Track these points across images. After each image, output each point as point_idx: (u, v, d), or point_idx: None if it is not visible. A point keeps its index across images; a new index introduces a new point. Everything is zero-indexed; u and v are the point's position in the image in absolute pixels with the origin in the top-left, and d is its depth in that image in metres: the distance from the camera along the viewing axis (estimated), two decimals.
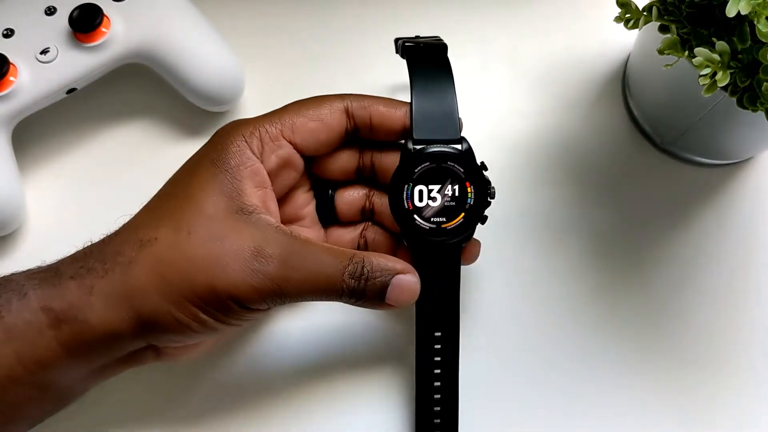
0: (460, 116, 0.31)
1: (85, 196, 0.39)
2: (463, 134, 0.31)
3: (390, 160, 0.33)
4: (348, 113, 0.31)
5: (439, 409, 0.33)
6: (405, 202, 0.30)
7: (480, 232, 0.31)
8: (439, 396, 0.33)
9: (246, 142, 0.30)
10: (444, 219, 0.30)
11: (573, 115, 0.41)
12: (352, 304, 0.30)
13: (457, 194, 0.30)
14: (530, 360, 0.36)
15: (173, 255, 0.28)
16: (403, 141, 0.31)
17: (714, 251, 0.38)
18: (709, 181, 0.40)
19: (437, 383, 0.33)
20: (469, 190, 0.30)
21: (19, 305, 0.28)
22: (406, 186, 0.30)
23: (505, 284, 0.38)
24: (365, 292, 0.29)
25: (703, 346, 0.37)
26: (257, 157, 0.30)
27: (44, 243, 0.38)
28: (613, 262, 0.38)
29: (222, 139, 0.30)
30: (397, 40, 0.36)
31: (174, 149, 0.40)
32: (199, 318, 0.28)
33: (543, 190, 0.40)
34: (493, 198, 0.31)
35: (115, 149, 0.40)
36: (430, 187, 0.30)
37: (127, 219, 0.31)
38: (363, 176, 0.34)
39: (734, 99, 0.29)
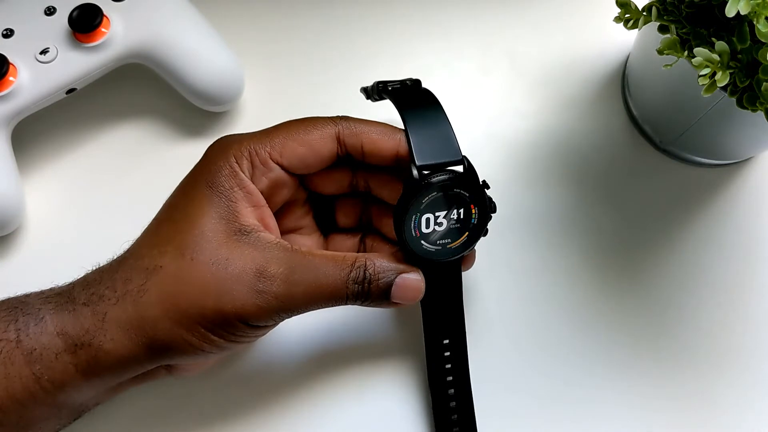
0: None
1: (85, 196, 0.39)
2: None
3: (383, 180, 0.33)
4: (339, 140, 0.31)
5: (456, 417, 0.34)
6: (413, 231, 0.30)
7: None
8: (454, 403, 0.34)
9: (237, 163, 0.30)
10: (449, 240, 0.31)
11: (573, 115, 0.41)
12: (358, 305, 0.30)
13: (462, 217, 0.30)
14: (529, 360, 0.36)
15: (180, 282, 0.28)
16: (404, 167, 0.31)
17: (714, 251, 0.38)
18: (709, 181, 0.40)
19: (451, 390, 0.33)
20: (473, 211, 0.30)
21: (37, 329, 0.28)
22: (414, 216, 0.30)
23: (504, 283, 0.38)
24: (370, 293, 0.30)
25: (704, 346, 0.37)
26: (249, 179, 0.30)
27: (44, 243, 0.38)
28: (612, 262, 0.38)
29: (213, 160, 0.30)
30: (365, 88, 0.36)
31: (174, 149, 0.40)
32: (209, 339, 0.29)
33: (542, 189, 0.40)
34: (494, 212, 0.31)
35: (114, 149, 0.40)
36: (437, 214, 0.30)
37: (129, 244, 0.31)
38: (357, 191, 0.34)
39: (734, 99, 0.29)
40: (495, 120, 0.41)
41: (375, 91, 0.35)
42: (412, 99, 0.32)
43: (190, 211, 0.29)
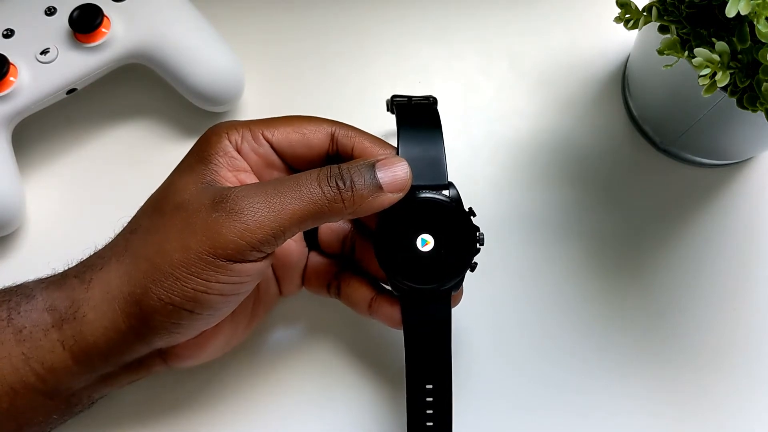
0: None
1: (85, 196, 0.39)
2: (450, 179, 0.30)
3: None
4: (333, 138, 0.31)
5: None
6: (396, 258, 0.29)
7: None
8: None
9: (227, 135, 0.31)
10: (434, 272, 0.30)
11: (573, 115, 0.41)
12: (350, 211, 0.28)
13: (447, 246, 0.30)
14: (528, 359, 0.36)
15: (150, 234, 0.29)
16: None
17: (714, 251, 0.38)
18: (709, 181, 0.40)
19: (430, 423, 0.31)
20: (459, 241, 0.30)
21: (28, 307, 0.29)
22: (395, 239, 0.29)
23: (503, 284, 0.38)
24: (354, 183, 0.28)
25: (703, 347, 0.37)
26: (235, 149, 0.31)
27: (44, 243, 0.38)
28: (612, 262, 0.38)
29: (205, 134, 0.31)
30: (391, 99, 0.36)
31: (174, 149, 0.40)
32: (179, 291, 0.27)
33: (542, 189, 0.40)
34: (482, 245, 0.30)
35: (115, 149, 0.40)
36: (420, 239, 0.29)
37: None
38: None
39: (734, 99, 0.29)
40: (495, 120, 0.41)
41: (389, 104, 0.36)
42: (413, 117, 0.32)
43: (171, 175, 0.31)
